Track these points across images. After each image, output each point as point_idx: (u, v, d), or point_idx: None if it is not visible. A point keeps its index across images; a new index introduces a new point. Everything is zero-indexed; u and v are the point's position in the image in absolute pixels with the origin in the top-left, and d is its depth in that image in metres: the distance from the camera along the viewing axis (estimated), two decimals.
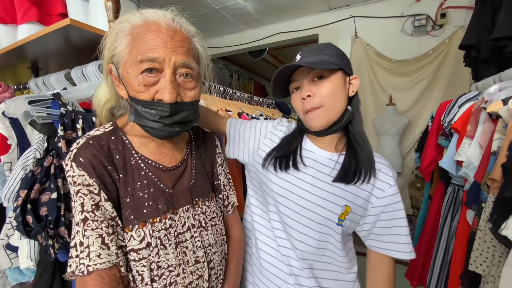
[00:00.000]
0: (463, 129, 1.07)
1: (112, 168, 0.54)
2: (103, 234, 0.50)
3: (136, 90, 0.52)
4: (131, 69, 0.52)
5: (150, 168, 0.59)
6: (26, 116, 0.78)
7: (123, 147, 0.58)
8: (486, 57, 1.28)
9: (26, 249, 0.85)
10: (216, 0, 2.66)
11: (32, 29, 1.06)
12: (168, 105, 0.53)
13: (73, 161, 0.51)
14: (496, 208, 0.78)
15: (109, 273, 0.49)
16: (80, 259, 0.48)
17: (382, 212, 0.67)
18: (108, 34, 0.55)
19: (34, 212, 0.74)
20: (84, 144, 0.53)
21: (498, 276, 0.81)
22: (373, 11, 2.67)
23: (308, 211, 0.68)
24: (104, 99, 0.64)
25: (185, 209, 0.62)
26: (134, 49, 0.51)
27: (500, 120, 0.89)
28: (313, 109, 0.64)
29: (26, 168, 0.78)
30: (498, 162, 0.80)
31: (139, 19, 0.53)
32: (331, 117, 0.65)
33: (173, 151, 0.65)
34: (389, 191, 0.66)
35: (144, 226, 0.55)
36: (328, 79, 0.63)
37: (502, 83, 1.00)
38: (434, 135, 1.36)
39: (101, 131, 0.57)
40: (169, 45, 0.52)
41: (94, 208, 0.50)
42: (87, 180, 0.50)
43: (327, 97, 0.63)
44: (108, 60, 0.56)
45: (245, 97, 1.76)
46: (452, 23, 2.34)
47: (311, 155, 0.71)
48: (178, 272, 0.58)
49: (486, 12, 1.29)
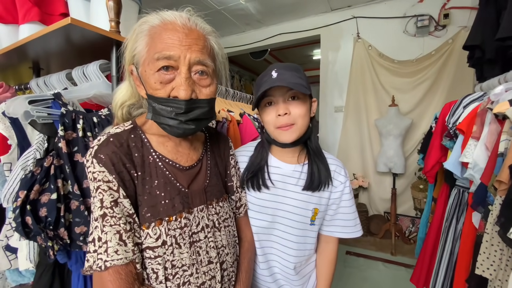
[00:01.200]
0: (469, 130, 1.06)
1: (131, 165, 0.55)
2: (121, 230, 0.51)
3: (153, 87, 0.54)
4: (148, 67, 0.53)
5: (167, 166, 0.60)
6: (27, 116, 0.78)
7: (141, 145, 0.59)
8: (491, 58, 1.26)
9: (25, 251, 0.84)
10: (218, 1, 2.66)
11: (34, 29, 1.06)
12: (183, 102, 0.53)
13: (94, 157, 0.52)
14: (503, 211, 0.77)
15: (126, 269, 0.50)
16: (98, 254, 0.49)
17: (333, 203, 0.80)
18: (129, 36, 0.57)
19: (34, 213, 0.73)
20: (105, 141, 0.54)
21: (505, 280, 0.79)
22: (375, 11, 2.66)
23: (284, 219, 0.78)
24: (122, 99, 0.65)
25: (199, 209, 0.62)
26: (152, 48, 0.53)
27: (507, 121, 0.87)
28: (286, 125, 0.71)
29: (26, 169, 0.77)
30: (506, 164, 0.79)
31: (157, 19, 0.54)
32: (300, 133, 0.73)
33: (189, 151, 0.66)
34: (340, 187, 0.79)
35: (160, 224, 0.56)
36: (301, 101, 0.72)
37: (508, 84, 0.98)
38: (438, 136, 1.34)
39: (121, 129, 0.58)
40: (184, 43, 0.53)
41: (113, 204, 0.51)
42: (107, 176, 0.51)
43: (300, 117, 0.71)
44: (130, 62, 0.58)
45: (246, 97, 1.75)
46: (455, 23, 2.32)
47: (279, 171, 0.79)
48: (192, 272, 0.58)
49: (491, 12, 1.28)
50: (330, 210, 0.81)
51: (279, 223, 0.79)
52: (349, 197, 0.80)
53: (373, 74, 2.68)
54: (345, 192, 0.80)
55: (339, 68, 2.94)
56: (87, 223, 0.80)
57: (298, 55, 4.82)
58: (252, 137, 1.32)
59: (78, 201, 0.79)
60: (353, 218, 0.81)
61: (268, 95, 0.72)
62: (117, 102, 0.65)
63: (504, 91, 0.94)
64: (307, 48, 4.35)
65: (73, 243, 0.81)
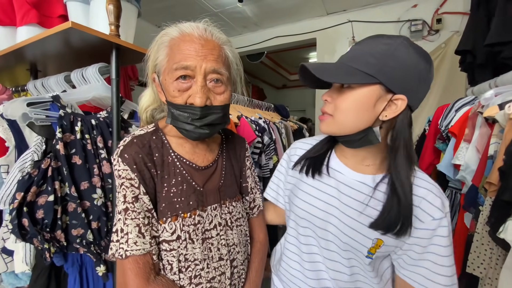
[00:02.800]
0: (461, 133, 1.08)
1: (151, 164, 0.60)
2: (140, 224, 0.56)
3: (172, 95, 0.58)
4: (168, 76, 0.58)
5: (184, 166, 0.64)
6: (25, 118, 0.78)
7: (162, 146, 0.64)
8: (482, 62, 1.29)
9: (21, 253, 0.84)
10: (215, 3, 2.68)
11: (32, 31, 1.06)
12: (199, 108, 0.57)
13: (119, 156, 0.58)
14: (493, 211, 0.79)
15: (144, 259, 0.56)
16: (120, 244, 0.55)
17: (416, 244, 0.56)
18: (151, 47, 0.62)
19: (30, 215, 0.73)
20: (129, 142, 0.60)
21: (495, 278, 0.81)
22: (370, 16, 2.70)
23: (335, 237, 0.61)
24: (146, 103, 0.69)
25: (213, 208, 0.66)
26: (171, 59, 0.57)
27: (496, 125, 0.90)
28: (325, 114, 0.59)
29: (24, 170, 0.77)
30: (495, 166, 0.81)
31: (176, 32, 0.59)
32: (338, 130, 0.57)
33: (205, 152, 0.70)
34: (430, 224, 0.54)
35: (176, 220, 0.60)
36: (353, 91, 0.53)
37: (498, 88, 1.01)
38: (432, 139, 1.37)
39: (144, 131, 0.64)
40: (200, 53, 0.56)
41: (134, 200, 0.56)
42: (129, 174, 0.57)
43: (342, 111, 0.55)
44: (152, 70, 0.62)
45: (244, 100, 1.76)
46: (448, 28, 2.37)
47: (339, 176, 0.63)
48: (203, 267, 0.62)
49: (481, 18, 1.31)
50: (413, 252, 0.57)
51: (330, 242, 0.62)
52: (445, 242, 0.54)
53: None
54: (439, 233, 0.54)
55: None
56: (84, 226, 0.80)
57: (295, 57, 4.86)
58: (250, 140, 1.34)
59: (75, 203, 0.79)
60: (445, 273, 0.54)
61: None
62: (142, 106, 0.70)
63: (494, 95, 0.97)
64: (304, 51, 4.38)
65: (70, 245, 0.81)
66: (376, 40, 0.53)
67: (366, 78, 0.50)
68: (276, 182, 0.82)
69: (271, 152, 1.55)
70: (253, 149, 1.43)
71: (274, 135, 1.59)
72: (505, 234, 0.67)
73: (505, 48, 1.07)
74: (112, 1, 0.84)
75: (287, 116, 2.20)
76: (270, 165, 1.53)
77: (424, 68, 0.51)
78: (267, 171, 1.51)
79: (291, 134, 1.99)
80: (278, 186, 0.82)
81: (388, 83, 0.50)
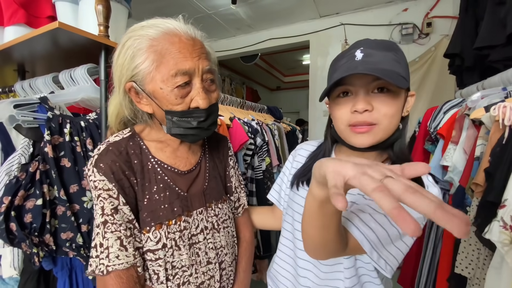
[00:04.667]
0: (448, 134, 1.10)
1: (130, 172, 0.57)
2: (122, 236, 0.53)
3: (174, 103, 0.54)
4: (165, 85, 0.53)
5: (166, 172, 0.62)
6: (11, 120, 0.77)
7: (140, 152, 0.60)
8: (470, 65, 1.32)
9: (9, 258, 0.82)
10: (208, 5, 2.67)
11: (19, 32, 1.04)
12: (204, 110, 0.56)
13: (94, 166, 0.54)
14: (480, 212, 0.81)
15: (127, 273, 0.53)
16: (100, 260, 0.52)
17: None
18: (118, 53, 0.55)
19: (18, 219, 0.72)
20: (104, 150, 0.56)
21: (483, 278, 0.83)
22: (362, 19, 2.74)
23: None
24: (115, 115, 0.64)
25: (199, 212, 0.64)
26: (163, 65, 0.52)
27: (482, 127, 0.92)
28: (365, 125, 0.53)
29: (11, 174, 0.76)
30: (481, 167, 0.83)
31: (155, 32, 0.53)
32: (382, 137, 0.54)
33: (187, 155, 0.67)
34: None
35: (160, 228, 0.58)
36: (393, 95, 0.52)
37: (484, 91, 1.04)
38: (421, 140, 1.39)
39: (120, 137, 0.60)
40: (194, 54, 0.54)
41: (113, 211, 0.53)
42: (107, 185, 0.53)
43: (386, 116, 0.51)
44: (128, 79, 0.55)
45: (237, 101, 1.76)
46: (438, 32, 2.41)
47: None
48: (191, 272, 0.61)
49: (469, 22, 1.34)
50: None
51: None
52: None
53: None
54: None
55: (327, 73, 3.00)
56: (73, 229, 0.79)
57: (288, 60, 4.88)
58: (242, 142, 1.34)
59: (64, 207, 0.78)
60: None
61: (345, 83, 0.54)
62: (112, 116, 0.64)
63: (481, 98, 0.99)
64: (297, 53, 4.41)
65: (59, 249, 0.80)
66: (390, 45, 0.54)
67: (406, 81, 0.51)
68: (280, 183, 0.82)
69: (263, 154, 1.55)
70: (245, 151, 1.43)
71: (267, 137, 1.59)
72: (490, 234, 0.69)
73: (493, 51, 1.10)
74: (101, 2, 0.83)
75: (280, 117, 2.21)
76: (262, 167, 1.53)
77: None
78: (259, 172, 1.51)
79: (284, 135, 2.00)
80: (280, 188, 0.81)
81: (408, 85, 0.53)
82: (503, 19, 1.03)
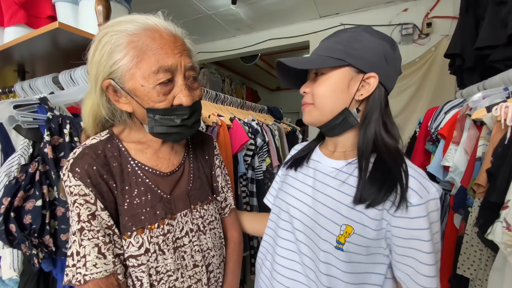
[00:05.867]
0: (449, 135, 1.10)
1: (108, 176, 0.55)
2: (100, 243, 0.50)
3: (156, 100, 0.53)
4: (146, 82, 0.51)
5: (147, 174, 0.59)
6: (11, 121, 0.76)
7: (119, 155, 0.58)
8: (470, 66, 1.32)
9: (9, 259, 0.82)
10: (208, 5, 2.67)
11: (19, 32, 1.04)
12: (188, 108, 0.55)
13: (69, 171, 0.51)
14: (482, 213, 0.80)
15: (106, 281, 0.50)
16: (77, 269, 0.49)
17: (394, 235, 0.52)
18: (94, 49, 0.53)
19: (18, 220, 0.71)
20: (80, 153, 0.53)
21: (485, 279, 0.82)
22: (362, 19, 2.73)
23: (306, 227, 0.59)
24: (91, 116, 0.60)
25: (183, 214, 0.62)
26: (144, 61, 0.50)
27: (484, 127, 0.91)
28: (305, 104, 0.62)
29: (10, 175, 0.75)
30: (483, 168, 0.82)
31: (134, 27, 0.51)
32: (321, 116, 0.59)
33: (170, 156, 0.65)
34: (409, 212, 0.49)
35: (142, 232, 0.55)
36: (326, 77, 0.57)
37: (485, 91, 1.03)
38: (422, 140, 1.39)
39: (97, 140, 0.57)
40: (175, 50, 0.53)
41: (91, 217, 0.50)
42: (83, 190, 0.51)
43: (319, 96, 0.58)
44: (105, 76, 0.52)
45: (237, 102, 1.76)
46: (438, 32, 2.41)
47: (317, 165, 0.65)
48: (177, 277, 0.58)
49: (470, 22, 1.34)
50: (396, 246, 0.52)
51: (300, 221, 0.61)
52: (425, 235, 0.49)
53: None
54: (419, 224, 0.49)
55: None
56: None
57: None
58: (243, 142, 1.33)
59: (64, 208, 0.78)
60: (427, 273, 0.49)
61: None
62: (89, 117, 0.60)
63: (482, 98, 0.99)
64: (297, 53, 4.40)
65: (59, 250, 0.79)
66: (341, 31, 0.60)
67: (336, 62, 0.55)
68: (275, 187, 0.83)
69: (264, 154, 1.54)
70: (246, 151, 1.43)
71: (267, 137, 1.59)
72: (493, 235, 0.68)
73: (494, 51, 1.10)
74: (101, 2, 0.83)
75: (280, 118, 2.20)
76: (263, 167, 1.52)
77: (389, 48, 0.56)
78: (260, 173, 1.51)
79: (284, 136, 2.00)
80: (275, 190, 0.82)
81: (357, 64, 0.55)
82: (504, 19, 1.03)
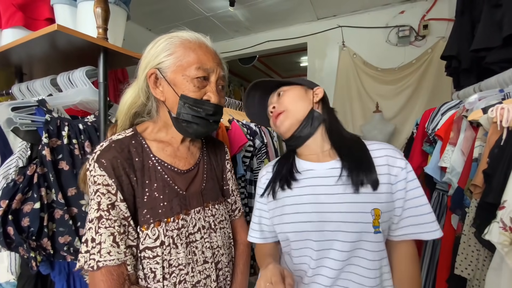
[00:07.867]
0: (446, 136, 1.11)
1: (130, 170, 0.59)
2: (115, 233, 0.54)
3: (191, 89, 0.61)
4: (188, 73, 0.61)
5: (166, 170, 0.64)
6: (9, 123, 0.76)
7: (142, 151, 0.63)
8: (466, 67, 1.33)
9: (6, 262, 0.81)
10: (206, 7, 2.68)
11: (17, 34, 1.04)
12: (213, 105, 0.64)
13: (96, 162, 0.56)
14: (478, 213, 0.81)
15: (118, 270, 0.53)
16: (91, 255, 0.52)
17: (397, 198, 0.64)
18: (151, 47, 0.64)
19: (16, 223, 0.71)
20: (107, 147, 0.58)
21: (482, 279, 0.83)
22: (359, 21, 2.75)
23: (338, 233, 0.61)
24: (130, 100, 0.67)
25: (196, 211, 0.66)
26: (190, 58, 0.61)
27: (480, 128, 0.92)
28: (277, 115, 0.71)
29: (8, 177, 0.75)
30: (480, 169, 0.83)
31: (188, 36, 0.64)
32: (294, 119, 0.70)
33: (187, 155, 0.70)
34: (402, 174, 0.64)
35: (159, 225, 0.59)
36: (288, 92, 0.73)
37: (481, 93, 1.04)
38: (419, 141, 1.40)
39: (122, 136, 0.63)
40: (215, 60, 0.65)
41: (110, 207, 0.54)
42: (106, 180, 0.55)
43: (288, 103, 0.71)
44: (153, 66, 0.62)
45: (235, 103, 1.76)
46: (434, 34, 2.43)
47: (312, 173, 0.68)
48: (187, 271, 0.61)
49: (466, 24, 1.35)
50: (397, 208, 0.64)
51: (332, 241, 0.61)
52: (416, 184, 0.64)
53: (358, 81, 2.76)
54: (410, 178, 0.64)
55: (325, 75, 3.01)
56: (71, 233, 0.79)
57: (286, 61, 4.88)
58: (241, 143, 1.33)
59: (62, 210, 0.78)
60: (428, 211, 0.63)
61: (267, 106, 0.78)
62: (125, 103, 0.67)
63: (478, 99, 1.00)
64: (295, 55, 4.42)
65: (57, 253, 0.79)
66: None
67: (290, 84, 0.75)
68: (257, 222, 0.77)
69: (262, 156, 1.55)
70: (244, 153, 1.43)
71: (265, 139, 1.59)
72: (490, 235, 0.69)
73: (489, 53, 1.11)
74: (100, 4, 0.83)
75: None
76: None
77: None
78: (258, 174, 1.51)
79: None
80: (260, 224, 0.77)
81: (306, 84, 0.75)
82: (499, 21, 1.04)
